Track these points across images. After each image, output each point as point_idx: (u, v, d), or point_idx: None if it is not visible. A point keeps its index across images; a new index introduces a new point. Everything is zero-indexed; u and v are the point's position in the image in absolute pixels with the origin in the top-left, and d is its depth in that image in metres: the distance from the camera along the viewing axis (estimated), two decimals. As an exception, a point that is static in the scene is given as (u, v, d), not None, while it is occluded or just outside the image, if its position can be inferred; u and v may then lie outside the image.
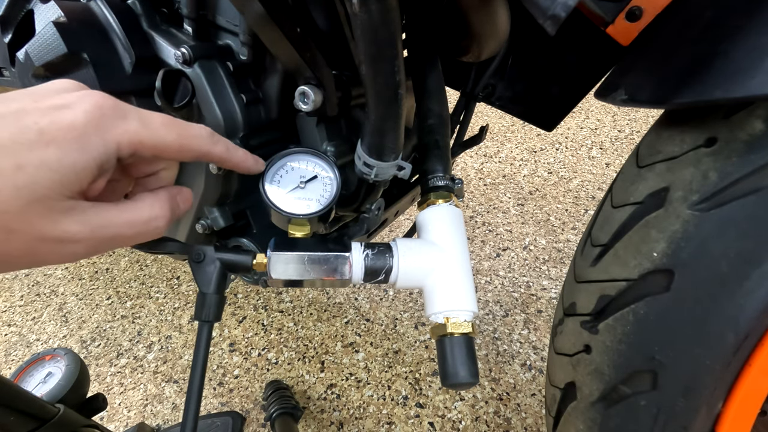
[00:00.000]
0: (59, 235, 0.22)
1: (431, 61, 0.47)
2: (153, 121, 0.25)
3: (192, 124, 0.28)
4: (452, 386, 0.34)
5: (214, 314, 0.35)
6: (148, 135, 0.25)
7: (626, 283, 0.33)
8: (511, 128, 1.77)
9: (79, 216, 0.23)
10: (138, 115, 0.25)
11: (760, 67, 0.25)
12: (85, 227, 0.23)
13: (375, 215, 0.43)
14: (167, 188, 0.29)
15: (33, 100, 0.22)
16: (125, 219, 0.25)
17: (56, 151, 0.21)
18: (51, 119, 0.21)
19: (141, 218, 0.26)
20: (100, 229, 0.23)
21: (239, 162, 0.32)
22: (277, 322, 1.05)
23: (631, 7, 0.37)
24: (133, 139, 0.24)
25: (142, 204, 0.26)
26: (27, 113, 0.21)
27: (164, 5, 0.44)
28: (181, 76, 0.40)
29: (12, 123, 0.21)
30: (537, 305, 1.05)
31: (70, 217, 0.22)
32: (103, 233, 0.24)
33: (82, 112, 0.22)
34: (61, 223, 0.22)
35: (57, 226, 0.22)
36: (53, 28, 0.39)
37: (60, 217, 0.22)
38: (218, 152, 0.29)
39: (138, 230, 0.26)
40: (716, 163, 0.29)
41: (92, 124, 0.22)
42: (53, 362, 0.54)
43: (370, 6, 0.26)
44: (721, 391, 0.31)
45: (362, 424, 0.84)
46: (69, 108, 0.22)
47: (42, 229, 0.21)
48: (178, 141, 0.26)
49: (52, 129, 0.21)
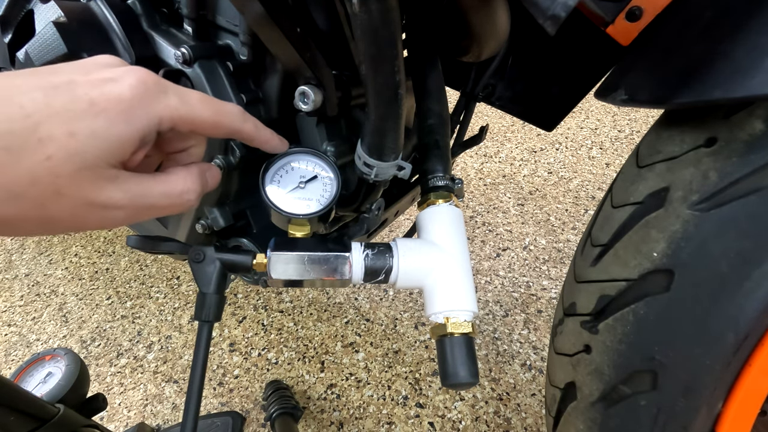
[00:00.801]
0: (104, 201, 0.23)
1: (431, 61, 0.47)
2: (191, 97, 0.26)
3: (226, 103, 0.29)
4: (452, 386, 0.34)
5: (214, 314, 0.35)
6: (186, 111, 0.26)
7: (626, 283, 0.33)
8: (511, 128, 1.77)
9: (121, 184, 0.24)
10: (177, 91, 0.26)
11: (760, 67, 0.25)
12: (126, 195, 0.24)
13: (375, 215, 0.43)
14: (198, 163, 0.30)
15: (83, 73, 0.23)
16: (161, 190, 0.26)
17: (105, 121, 0.22)
18: (101, 91, 0.22)
19: (175, 190, 0.27)
20: (139, 198, 0.25)
21: (265, 141, 0.33)
22: (277, 322, 1.05)
23: (631, 7, 0.37)
24: (173, 114, 0.25)
25: (176, 177, 0.27)
26: (78, 84, 0.22)
27: (164, 5, 0.44)
28: (181, 76, 0.40)
29: (65, 93, 0.22)
30: (537, 305, 1.05)
31: (114, 185, 0.23)
32: (141, 202, 0.25)
33: (128, 86, 0.23)
34: (106, 189, 0.23)
35: (102, 192, 0.23)
36: (53, 28, 0.39)
37: (105, 184, 0.23)
38: (247, 130, 0.31)
39: (172, 201, 0.27)
40: (716, 163, 0.29)
41: (137, 98, 0.23)
42: (53, 362, 0.54)
43: (370, 6, 0.26)
44: (721, 391, 0.31)
45: (362, 424, 0.84)
46: (117, 81, 0.23)
47: (89, 195, 0.22)
48: (213, 117, 0.27)
49: (101, 100, 0.22)
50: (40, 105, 0.21)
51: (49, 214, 0.22)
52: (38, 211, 0.22)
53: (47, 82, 0.22)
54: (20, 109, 0.20)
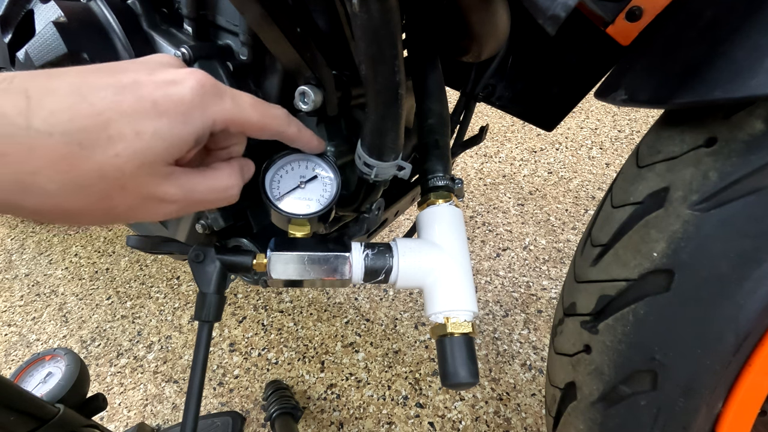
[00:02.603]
0: (161, 195, 0.25)
1: (431, 61, 0.47)
2: (244, 100, 0.28)
3: (273, 105, 0.30)
4: (452, 386, 0.34)
5: (214, 314, 0.35)
6: (238, 113, 0.27)
7: (626, 283, 0.33)
8: (511, 128, 1.77)
9: (176, 180, 0.25)
10: (232, 94, 0.27)
11: (760, 67, 0.25)
12: (180, 190, 0.26)
13: (375, 215, 0.43)
14: (237, 159, 0.31)
15: (147, 72, 0.24)
16: (208, 185, 0.28)
17: (167, 121, 0.23)
18: (164, 92, 0.24)
19: (221, 185, 0.29)
20: (190, 193, 0.26)
21: (307, 142, 0.35)
22: (277, 322, 1.05)
23: (631, 7, 0.37)
24: (226, 116, 0.27)
25: (221, 173, 0.29)
26: (143, 85, 0.23)
27: (164, 5, 0.44)
28: (181, 76, 0.40)
29: (131, 93, 0.23)
30: (537, 305, 1.05)
31: (169, 181, 0.25)
32: (192, 197, 0.27)
33: (189, 89, 0.24)
34: (163, 185, 0.25)
35: (159, 188, 0.24)
36: (53, 28, 0.39)
37: (162, 180, 0.24)
38: (291, 132, 0.32)
39: (218, 196, 0.29)
40: (716, 163, 0.29)
41: (196, 101, 0.25)
42: (53, 362, 0.54)
43: (370, 6, 0.26)
44: (721, 391, 0.31)
45: (362, 424, 0.84)
46: (178, 84, 0.24)
47: (148, 189, 0.24)
48: (262, 120, 0.29)
49: (164, 102, 0.23)
50: (110, 103, 0.22)
51: (112, 206, 0.24)
52: (102, 204, 0.23)
53: (115, 81, 0.23)
54: (91, 107, 0.22)
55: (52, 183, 0.21)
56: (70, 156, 0.21)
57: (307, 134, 0.34)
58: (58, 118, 0.21)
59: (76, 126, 0.21)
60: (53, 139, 0.21)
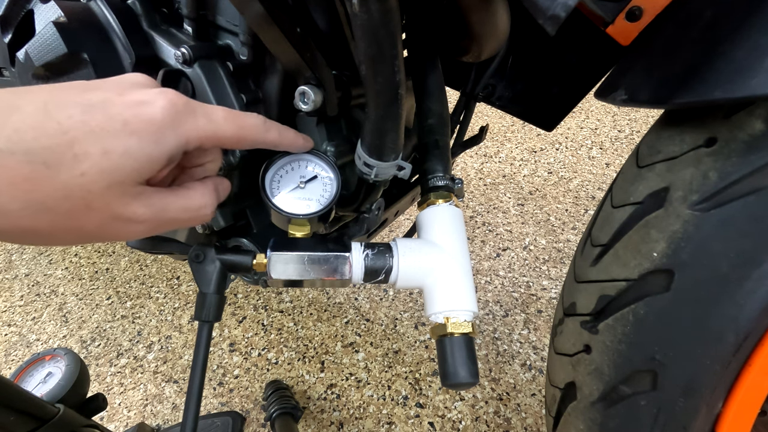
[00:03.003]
0: (129, 216, 0.24)
1: (431, 61, 0.47)
2: (216, 115, 0.28)
3: (248, 115, 0.30)
4: (452, 386, 0.34)
5: (214, 314, 0.35)
6: (212, 130, 0.27)
7: (626, 283, 0.33)
8: (511, 128, 1.77)
9: (146, 200, 0.25)
10: (204, 111, 0.27)
11: (760, 67, 0.25)
12: (150, 210, 0.25)
13: (375, 215, 0.43)
14: (212, 178, 0.31)
15: (118, 93, 0.24)
16: (181, 205, 0.27)
17: (137, 141, 0.23)
18: (134, 112, 0.23)
19: (194, 205, 0.28)
20: (161, 213, 0.26)
21: (290, 144, 0.34)
22: (277, 322, 1.05)
23: (631, 7, 0.37)
24: (200, 134, 0.26)
25: (194, 192, 0.29)
26: (113, 105, 0.23)
27: (164, 5, 0.44)
28: (181, 76, 0.40)
29: (100, 112, 0.23)
30: (537, 305, 1.05)
31: (138, 201, 0.25)
32: (162, 216, 0.26)
33: (160, 109, 0.24)
34: (132, 205, 0.24)
35: (128, 208, 0.24)
36: (53, 28, 0.39)
37: (131, 200, 0.24)
38: (271, 138, 0.32)
39: (190, 215, 0.28)
40: (716, 163, 0.29)
41: (168, 120, 0.24)
42: (53, 362, 0.54)
43: (370, 6, 0.26)
44: (721, 391, 0.31)
45: (362, 424, 0.84)
46: (149, 104, 0.24)
47: (116, 210, 0.24)
48: (237, 133, 0.29)
49: (135, 121, 0.23)
50: (77, 122, 0.22)
51: (78, 226, 0.23)
52: (68, 223, 0.23)
53: (84, 100, 0.23)
54: (58, 126, 0.21)
55: (14, 202, 0.21)
56: (33, 175, 0.21)
57: (289, 136, 0.34)
58: (22, 137, 0.20)
59: (41, 144, 0.21)
60: (15, 158, 0.20)
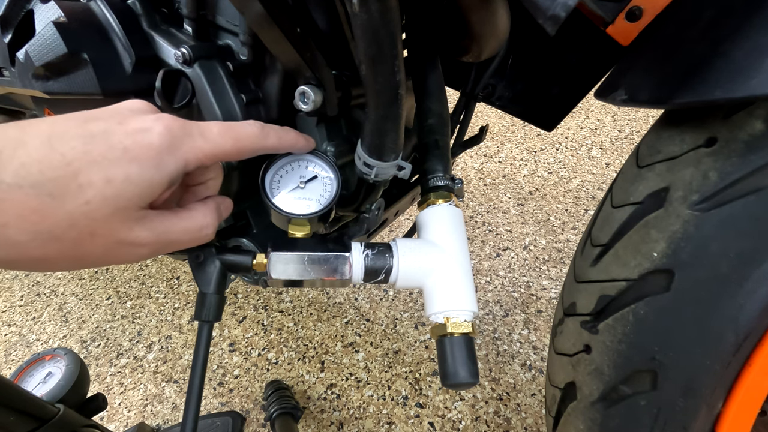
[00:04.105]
0: (132, 240, 0.25)
1: (431, 61, 0.47)
2: (211, 132, 0.28)
3: (243, 125, 0.30)
4: (452, 386, 0.34)
5: (214, 314, 0.35)
6: (210, 148, 0.28)
7: (626, 283, 0.33)
8: (511, 128, 1.77)
9: (148, 224, 0.26)
10: (199, 130, 0.27)
11: (760, 67, 0.25)
12: (152, 233, 0.26)
13: (375, 215, 0.43)
14: (214, 198, 0.32)
15: (117, 122, 0.25)
16: (182, 227, 0.28)
17: (138, 167, 0.24)
18: (134, 140, 0.24)
19: (195, 226, 0.29)
20: (163, 235, 0.27)
21: (292, 145, 0.35)
22: (277, 322, 1.05)
23: (631, 7, 0.37)
24: (198, 155, 0.27)
25: (195, 213, 0.29)
26: (113, 134, 0.24)
27: (164, 5, 0.44)
28: (181, 76, 0.40)
29: (102, 141, 0.23)
30: (537, 305, 1.05)
31: (141, 225, 0.25)
32: (165, 239, 0.27)
33: (158, 135, 0.25)
34: (135, 230, 0.25)
35: (131, 233, 0.25)
36: (53, 28, 0.39)
37: (134, 224, 0.25)
38: (270, 144, 0.32)
39: (192, 236, 0.29)
40: (716, 163, 0.29)
41: (165, 145, 0.25)
42: (53, 362, 0.54)
43: (370, 6, 0.26)
44: (721, 391, 0.31)
45: (362, 424, 0.84)
46: (148, 131, 0.25)
47: (119, 235, 0.24)
48: (236, 146, 0.29)
49: (134, 148, 0.24)
50: (79, 153, 0.22)
51: (84, 253, 0.24)
52: (74, 251, 0.23)
53: (85, 131, 0.23)
54: (62, 158, 0.22)
55: (23, 234, 0.21)
56: (40, 207, 0.21)
57: (289, 138, 0.34)
58: (29, 170, 0.21)
59: (47, 177, 0.21)
60: (23, 191, 0.21)
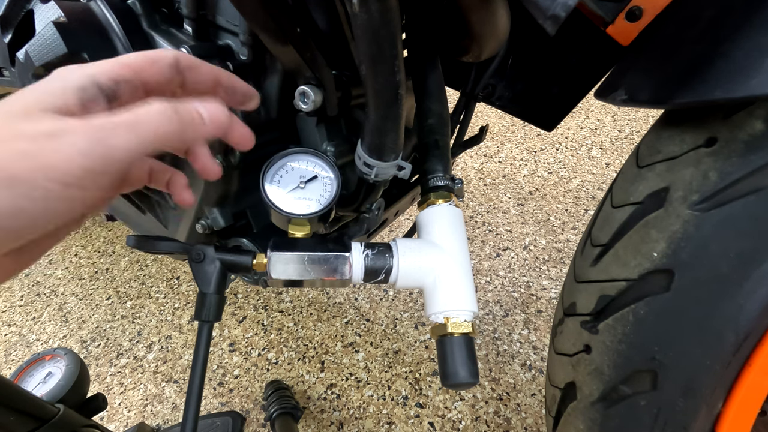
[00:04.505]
0: (47, 129, 0.19)
1: (431, 61, 0.47)
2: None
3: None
4: (452, 386, 0.34)
5: (214, 314, 0.35)
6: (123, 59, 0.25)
7: (626, 283, 0.33)
8: (511, 128, 1.77)
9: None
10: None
11: (760, 67, 0.25)
12: (75, 122, 0.20)
13: (375, 215, 0.43)
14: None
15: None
16: (127, 116, 0.21)
17: None
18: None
19: (143, 111, 0.22)
20: (94, 120, 0.20)
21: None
22: (277, 322, 1.05)
23: (631, 7, 0.37)
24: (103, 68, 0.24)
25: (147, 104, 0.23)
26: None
27: (164, 5, 0.44)
28: (181, 76, 0.40)
29: None
30: (537, 305, 1.05)
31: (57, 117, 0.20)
32: (101, 122, 0.20)
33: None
34: (44, 119, 0.20)
35: (41, 122, 0.20)
36: (53, 28, 0.39)
37: (42, 117, 0.20)
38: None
39: (143, 126, 0.21)
40: (716, 163, 0.29)
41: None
42: (53, 362, 0.54)
43: (370, 6, 0.26)
44: (721, 391, 0.31)
45: (362, 424, 0.84)
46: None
47: (22, 128, 0.19)
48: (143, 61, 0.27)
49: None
50: None
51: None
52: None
53: None
54: None
55: None
56: None
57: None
58: None
59: None
60: None
